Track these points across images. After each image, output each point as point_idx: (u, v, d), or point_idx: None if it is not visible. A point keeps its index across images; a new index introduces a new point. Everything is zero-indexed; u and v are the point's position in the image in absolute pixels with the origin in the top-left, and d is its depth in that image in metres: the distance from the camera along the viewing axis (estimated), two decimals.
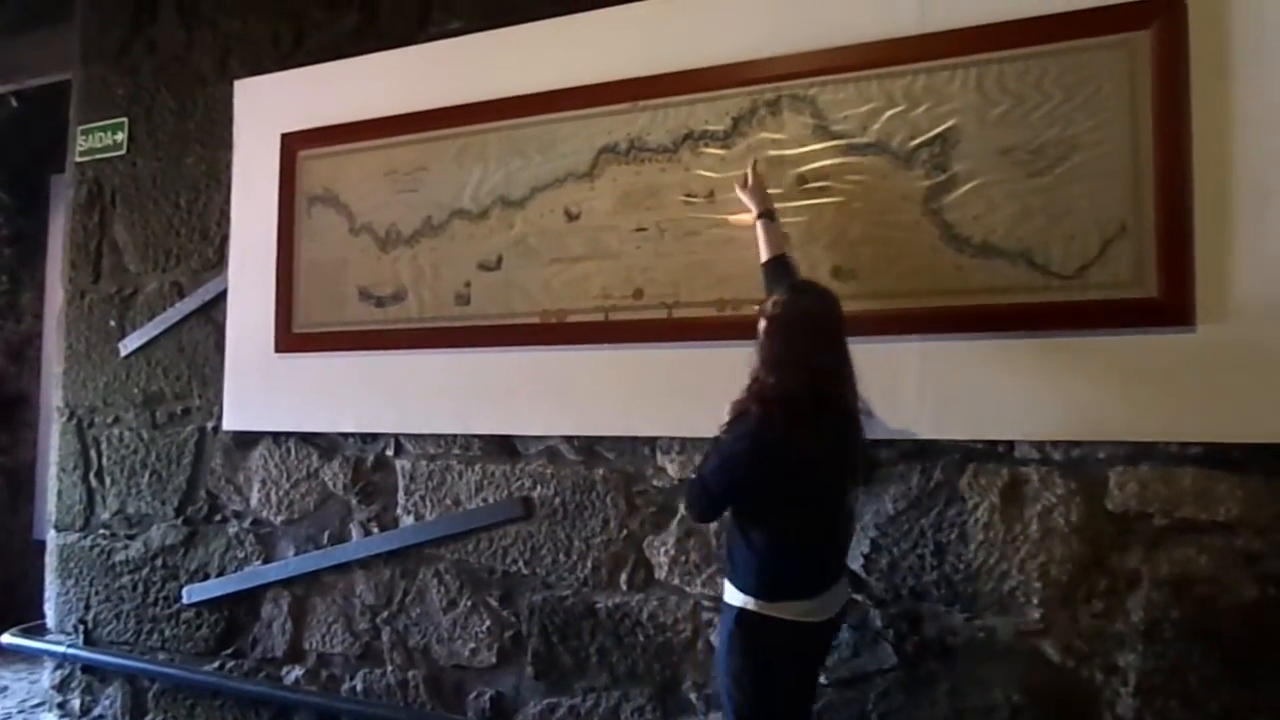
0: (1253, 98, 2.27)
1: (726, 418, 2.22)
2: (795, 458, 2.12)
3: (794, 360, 2.13)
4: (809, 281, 2.37)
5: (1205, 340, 2.28)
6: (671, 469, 2.88)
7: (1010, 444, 2.50)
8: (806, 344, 2.15)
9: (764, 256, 2.51)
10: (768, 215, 2.55)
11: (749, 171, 2.64)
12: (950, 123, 2.53)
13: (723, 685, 2.27)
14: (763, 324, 2.20)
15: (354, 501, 3.36)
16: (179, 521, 3.67)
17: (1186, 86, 2.31)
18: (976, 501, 2.53)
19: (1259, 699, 2.26)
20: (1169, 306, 2.30)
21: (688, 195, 2.82)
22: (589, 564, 2.99)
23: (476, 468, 3.17)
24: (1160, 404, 2.32)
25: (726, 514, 2.30)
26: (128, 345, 3.80)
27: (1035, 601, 2.46)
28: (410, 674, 3.23)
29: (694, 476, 2.35)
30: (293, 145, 3.44)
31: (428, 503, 3.24)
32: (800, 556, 2.20)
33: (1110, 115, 2.38)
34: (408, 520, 3.27)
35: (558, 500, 3.04)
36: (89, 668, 3.80)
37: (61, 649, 3.81)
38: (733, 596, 2.22)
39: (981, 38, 2.50)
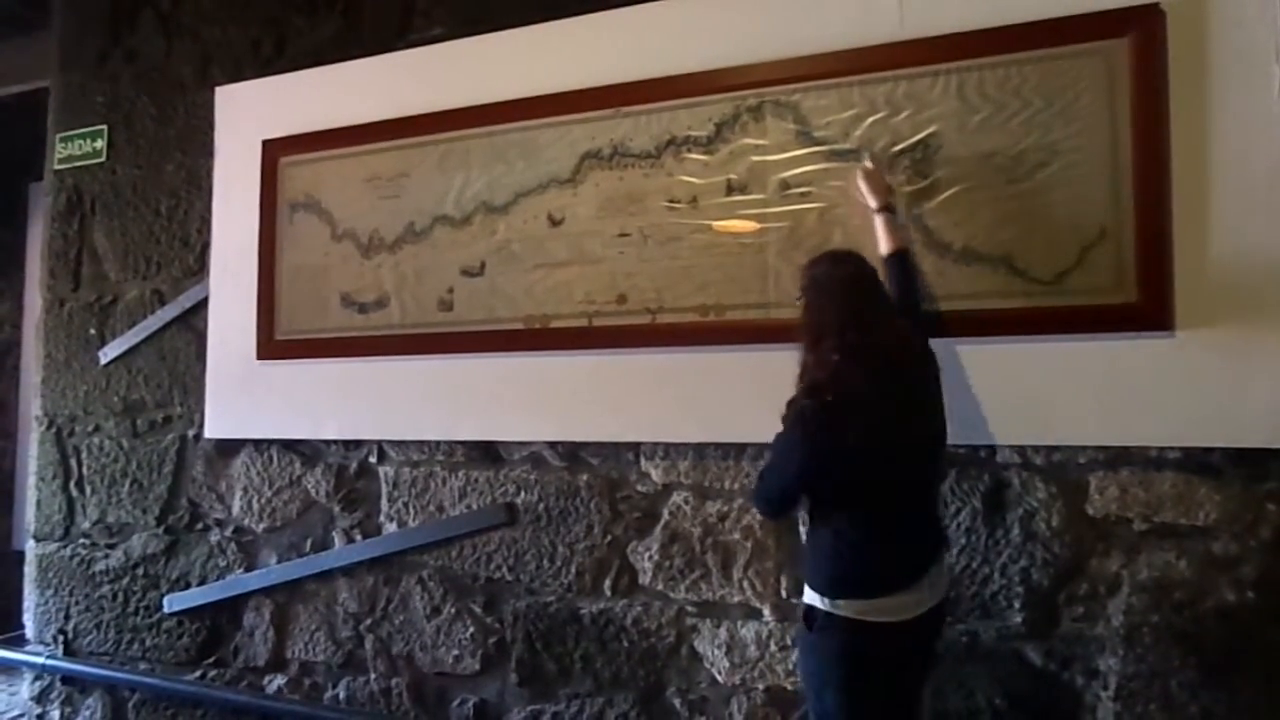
0: (1231, 104, 2.29)
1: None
2: (853, 435, 1.97)
3: (830, 328, 2.03)
4: (847, 251, 2.27)
5: (1184, 345, 2.29)
6: (655, 474, 2.88)
7: (992, 449, 2.52)
8: (843, 308, 2.05)
9: (882, 249, 2.40)
10: (888, 209, 2.46)
11: (866, 163, 2.56)
12: (931, 129, 2.54)
13: (811, 694, 2.14)
14: (798, 302, 2.15)
15: (337, 509, 3.35)
16: (160, 530, 3.64)
17: (1165, 93, 2.33)
18: (959, 506, 2.54)
19: (1237, 703, 2.28)
20: (1148, 312, 2.31)
21: (671, 201, 2.82)
22: (573, 570, 2.98)
23: (460, 474, 3.16)
24: (1140, 409, 2.33)
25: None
26: (108, 353, 3.78)
27: (1017, 606, 2.48)
28: (393, 682, 3.22)
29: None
30: (274, 152, 3.42)
31: (411, 509, 3.23)
32: (885, 541, 2.08)
33: (1089, 122, 2.39)
34: (391, 527, 3.26)
35: (541, 506, 3.03)
36: (69, 678, 3.76)
37: (41, 660, 3.77)
38: (818, 600, 2.08)
39: (961, 45, 2.51)
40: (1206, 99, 2.31)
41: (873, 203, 2.48)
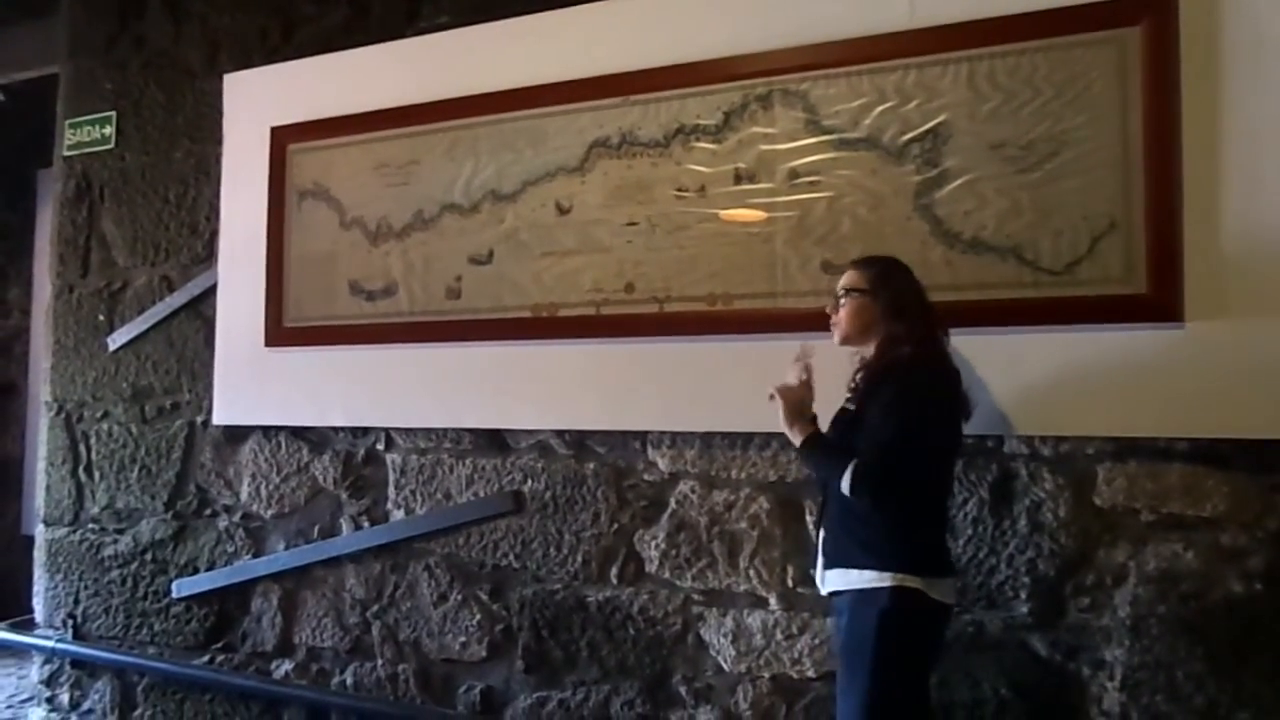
0: (1243, 94, 2.27)
1: (850, 392, 2.19)
2: (958, 395, 2.13)
3: (914, 301, 2.15)
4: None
5: (1194, 336, 2.28)
6: (662, 463, 2.88)
7: (999, 439, 2.51)
8: (915, 285, 2.18)
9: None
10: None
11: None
12: (941, 118, 2.53)
13: (863, 675, 2.01)
14: (852, 296, 2.17)
15: (344, 496, 3.36)
16: (168, 516, 3.65)
17: (1177, 83, 2.31)
18: (965, 496, 2.54)
19: (1244, 694, 2.27)
20: (1158, 302, 2.30)
21: (679, 190, 2.82)
22: (579, 558, 2.99)
23: (467, 462, 3.16)
24: (1148, 400, 2.32)
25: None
26: (116, 340, 3.79)
27: (1023, 596, 2.47)
28: (400, 668, 3.23)
29: (859, 462, 2.02)
30: (282, 139, 3.42)
31: (418, 497, 3.24)
32: (943, 523, 2.21)
33: (1100, 111, 2.38)
34: (398, 514, 3.27)
35: (548, 494, 3.04)
36: (78, 662, 3.79)
37: (50, 643, 3.79)
38: (876, 578, 2.02)
39: (972, 33, 2.49)
40: (1218, 88, 2.29)
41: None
